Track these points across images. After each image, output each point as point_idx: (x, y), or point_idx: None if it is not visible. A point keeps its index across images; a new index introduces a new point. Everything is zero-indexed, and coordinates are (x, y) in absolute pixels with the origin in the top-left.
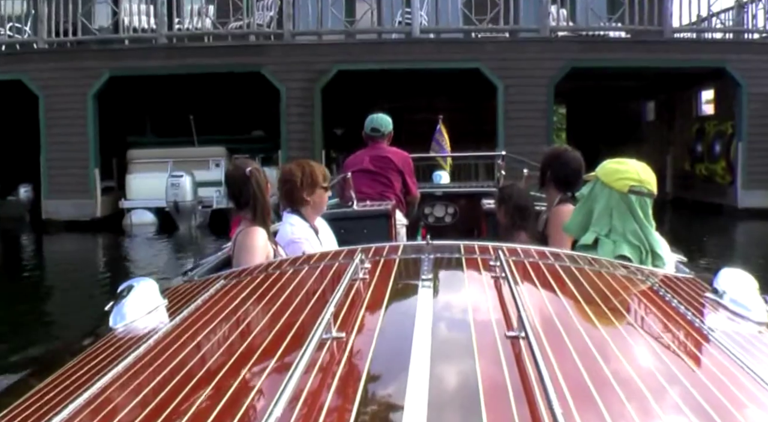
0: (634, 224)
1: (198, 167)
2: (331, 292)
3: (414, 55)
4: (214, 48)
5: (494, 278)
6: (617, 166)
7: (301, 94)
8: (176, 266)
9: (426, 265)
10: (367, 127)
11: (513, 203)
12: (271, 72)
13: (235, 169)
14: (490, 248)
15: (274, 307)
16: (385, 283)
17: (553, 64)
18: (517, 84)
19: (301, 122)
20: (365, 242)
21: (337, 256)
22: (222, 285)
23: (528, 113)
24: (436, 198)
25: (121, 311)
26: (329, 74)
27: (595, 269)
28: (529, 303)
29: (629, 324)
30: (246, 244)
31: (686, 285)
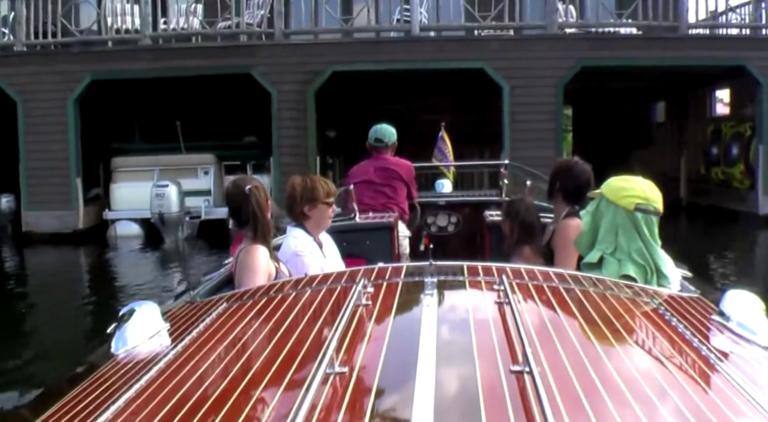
0: (640, 243)
1: (186, 176)
2: (333, 320)
3: (414, 54)
4: (202, 49)
5: (498, 304)
6: (623, 183)
7: (293, 97)
8: (157, 286)
9: (429, 290)
10: (371, 137)
11: (520, 219)
12: (262, 74)
13: (234, 187)
14: (493, 269)
15: (277, 336)
16: (387, 311)
17: (562, 63)
18: (523, 85)
19: (294, 127)
20: (368, 254)
21: (340, 278)
22: (224, 309)
23: (535, 116)
24: (439, 207)
25: (123, 336)
26: (323, 76)
27: (600, 291)
28: (533, 333)
29: (633, 353)
30: (247, 263)
31: (692, 306)
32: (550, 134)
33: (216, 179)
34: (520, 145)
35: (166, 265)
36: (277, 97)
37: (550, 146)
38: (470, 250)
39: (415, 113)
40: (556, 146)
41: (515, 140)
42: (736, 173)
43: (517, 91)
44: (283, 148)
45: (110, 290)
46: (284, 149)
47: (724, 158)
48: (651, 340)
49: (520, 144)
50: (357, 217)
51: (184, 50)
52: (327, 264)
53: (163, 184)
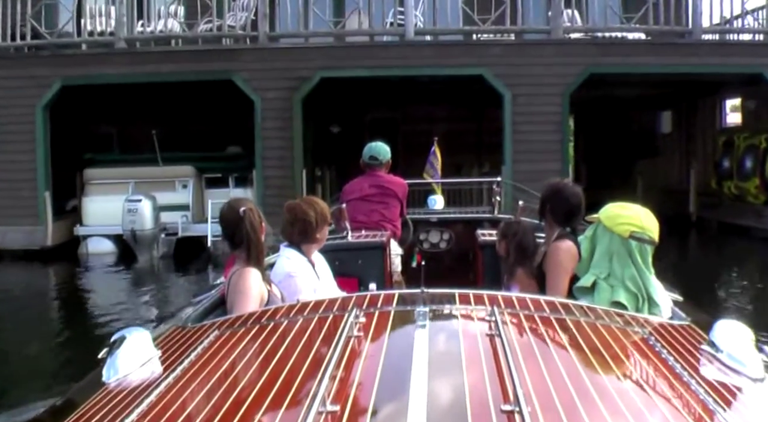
0: (633, 270)
1: (163, 189)
2: (325, 353)
3: (408, 60)
4: (180, 53)
5: (489, 336)
6: (620, 210)
7: (278, 105)
8: (119, 313)
9: (420, 321)
10: (366, 155)
11: (516, 242)
12: (244, 80)
13: (229, 209)
14: (485, 298)
15: (269, 369)
16: (379, 344)
17: (568, 69)
18: (526, 93)
19: (279, 138)
20: (360, 273)
21: (332, 306)
22: (216, 337)
23: (539, 126)
24: (431, 224)
25: (114, 364)
26: (311, 82)
27: (590, 320)
28: (524, 368)
29: (622, 388)
30: (240, 287)
31: (682, 336)
32: (554, 146)
33: (195, 193)
34: (522, 157)
35: (136, 288)
36: (260, 105)
37: (555, 158)
38: (463, 267)
39: (410, 122)
40: (562, 158)
41: (517, 152)
42: (751, 188)
43: (519, 100)
44: (268, 160)
45: (61, 317)
46: (268, 161)
47: (737, 172)
48: (640, 373)
49: (522, 156)
50: (349, 235)
51: (161, 54)
52: (320, 285)
53: (135, 198)
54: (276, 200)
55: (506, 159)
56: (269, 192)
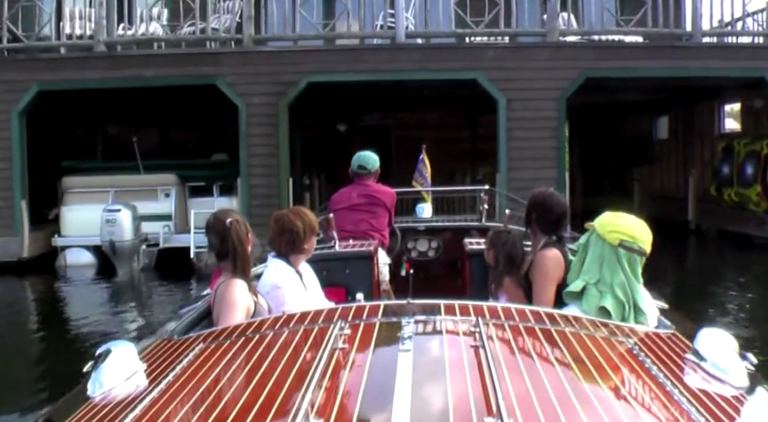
0: (622, 277)
1: (144, 198)
2: (310, 365)
3: (399, 63)
4: (161, 57)
5: (474, 347)
6: (613, 219)
7: (263, 111)
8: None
9: (406, 332)
10: (354, 164)
11: (505, 252)
12: (228, 85)
13: (215, 220)
14: (470, 308)
15: (254, 382)
16: (364, 357)
17: (565, 73)
18: (521, 97)
19: (264, 145)
20: (348, 282)
21: (317, 318)
22: (201, 350)
23: (535, 132)
24: (420, 232)
25: (99, 378)
26: (298, 87)
27: (575, 331)
28: (508, 380)
29: (606, 399)
30: (226, 299)
31: (666, 345)
32: (551, 153)
33: (178, 202)
34: (517, 164)
35: (113, 302)
36: (245, 111)
37: (551, 165)
38: (451, 276)
39: (403, 128)
40: (558, 166)
41: (512, 159)
42: (752, 195)
43: (514, 105)
44: (253, 168)
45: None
46: (253, 169)
47: (738, 178)
48: (624, 384)
49: (517, 164)
50: (336, 245)
51: (142, 58)
52: (307, 296)
53: (114, 208)
54: (261, 210)
55: (501, 167)
56: (254, 202)
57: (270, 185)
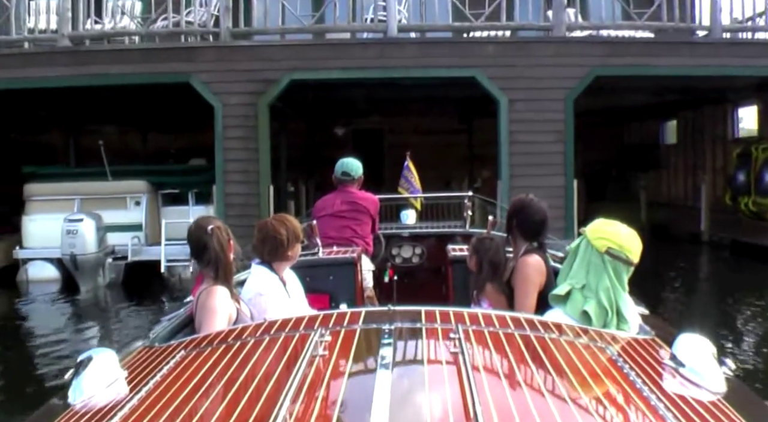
0: (608, 283)
1: (112, 207)
2: (290, 372)
3: (391, 60)
4: (131, 52)
5: (453, 354)
6: (604, 226)
7: (242, 111)
8: (43, 357)
9: (386, 339)
10: (338, 171)
11: (489, 259)
12: (203, 83)
13: (196, 227)
14: (451, 315)
15: (234, 388)
16: (343, 363)
17: (572, 71)
18: (525, 97)
19: (243, 149)
20: (331, 289)
21: (298, 325)
22: (182, 357)
23: (540, 136)
24: (403, 239)
25: (80, 385)
26: (279, 85)
27: (555, 337)
28: (486, 387)
29: (583, 405)
30: (208, 306)
31: (646, 351)
32: (557, 158)
33: (149, 211)
34: (521, 171)
35: (71, 323)
36: (221, 111)
37: (558, 172)
38: (435, 282)
39: (397, 133)
40: (566, 172)
41: (515, 166)
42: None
43: (517, 106)
44: (229, 174)
45: None
46: (230, 175)
47: (756, 186)
48: (603, 390)
49: (521, 170)
50: (320, 252)
51: (108, 54)
52: (290, 304)
53: (75, 218)
54: (238, 220)
55: (502, 173)
56: (231, 211)
57: (248, 193)
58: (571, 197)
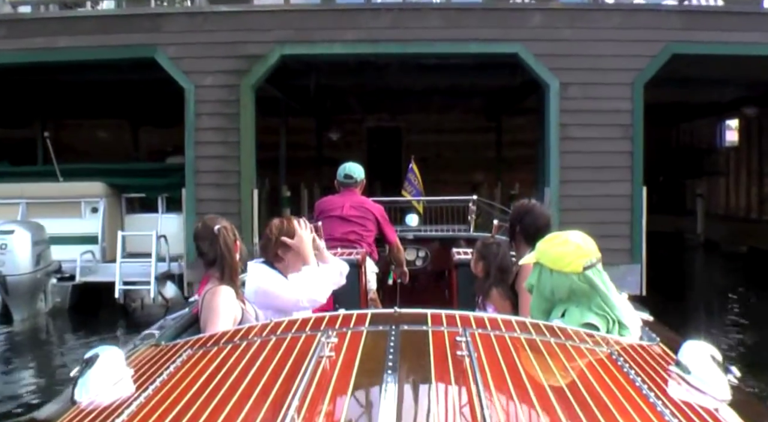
0: (598, 298)
1: (65, 213)
2: (297, 373)
3: (409, 30)
4: (83, 20)
5: (460, 357)
6: (559, 248)
7: (219, 95)
8: None
9: (392, 342)
10: (340, 174)
11: (497, 264)
12: (171, 59)
13: (203, 227)
14: (457, 318)
15: (240, 388)
16: (350, 365)
17: (643, 48)
18: (581, 81)
19: (221, 143)
20: (335, 290)
21: (304, 326)
22: (188, 356)
23: (600, 131)
24: (408, 241)
25: (86, 383)
26: (267, 63)
27: (561, 341)
28: (493, 390)
29: (590, 408)
30: (212, 306)
31: (651, 356)
32: (622, 160)
33: (109, 219)
34: (573, 175)
35: None
36: (193, 94)
37: (624, 177)
38: (439, 285)
39: (416, 132)
40: (633, 178)
41: (566, 169)
42: None
43: (570, 92)
44: (203, 175)
45: None
46: (204, 176)
47: None
48: (608, 395)
49: (573, 174)
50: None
51: (54, 22)
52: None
53: (5, 229)
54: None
55: (550, 178)
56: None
57: (226, 199)
58: (639, 210)
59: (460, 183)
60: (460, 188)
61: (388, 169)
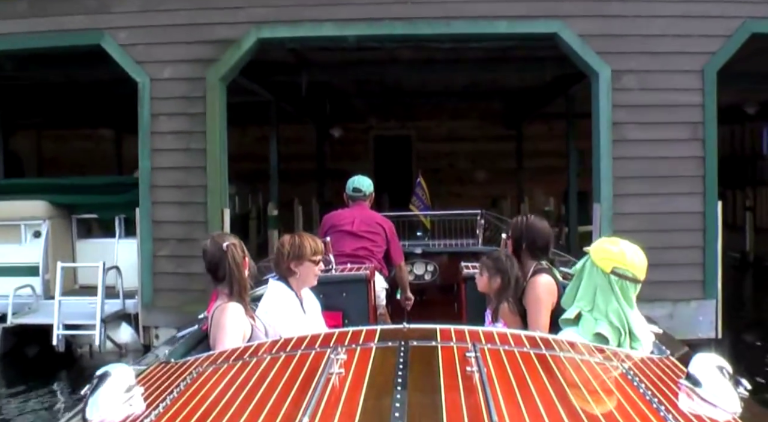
0: (616, 304)
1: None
2: (307, 390)
3: (420, 6)
4: (11, 1)
5: (470, 373)
6: (608, 245)
7: (181, 90)
8: None
9: (402, 357)
10: (349, 187)
11: (515, 275)
12: (121, 46)
13: (212, 244)
14: (466, 333)
15: (251, 406)
16: (360, 382)
17: (715, 26)
18: (638, 68)
19: (182, 151)
20: (345, 306)
21: (314, 343)
22: (198, 373)
23: (663, 131)
24: (416, 256)
25: (97, 401)
26: (240, 49)
27: (571, 356)
28: (503, 406)
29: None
30: (222, 323)
31: (661, 370)
32: (691, 167)
33: (53, 246)
34: (630, 187)
35: None
36: (148, 89)
37: (694, 189)
38: (447, 299)
39: (428, 140)
40: (705, 190)
41: (621, 180)
42: None
43: (624, 81)
44: (161, 190)
45: None
46: (162, 192)
47: None
48: (619, 409)
49: (630, 186)
50: (333, 269)
51: None
52: (305, 320)
53: None
54: (174, 265)
55: (600, 191)
56: (162, 249)
57: (189, 221)
58: (713, 231)
59: (476, 197)
60: (477, 202)
61: (397, 181)
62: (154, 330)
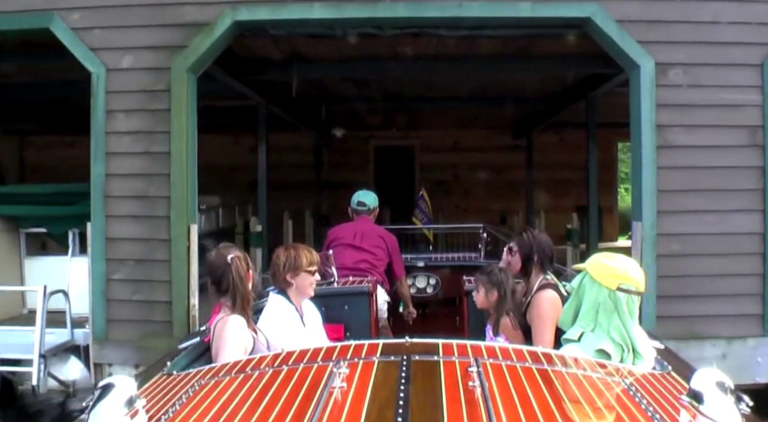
0: (619, 321)
1: None
2: (309, 404)
3: None
4: None
5: (472, 388)
6: (607, 261)
7: (141, 83)
8: None
9: (403, 372)
10: (354, 201)
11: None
12: (72, 30)
13: (217, 256)
14: (468, 348)
15: (253, 419)
16: (362, 396)
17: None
18: (686, 61)
19: (142, 155)
20: (347, 319)
21: (316, 356)
22: (200, 386)
23: (718, 135)
24: (418, 269)
25: (99, 413)
26: (213, 34)
27: (573, 371)
28: (505, 420)
29: None
30: (224, 335)
31: (663, 386)
32: (749, 180)
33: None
34: (676, 203)
35: None
36: (103, 81)
37: (752, 205)
38: (449, 313)
39: (431, 150)
40: (767, 207)
41: (666, 194)
42: None
43: (671, 76)
44: (117, 201)
45: None
46: (118, 203)
47: None
48: None
49: (676, 201)
50: (336, 282)
51: None
52: (306, 334)
53: None
54: (131, 290)
55: (642, 208)
56: (117, 271)
57: (149, 238)
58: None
59: (483, 211)
60: (485, 217)
61: (399, 193)
62: (107, 367)
